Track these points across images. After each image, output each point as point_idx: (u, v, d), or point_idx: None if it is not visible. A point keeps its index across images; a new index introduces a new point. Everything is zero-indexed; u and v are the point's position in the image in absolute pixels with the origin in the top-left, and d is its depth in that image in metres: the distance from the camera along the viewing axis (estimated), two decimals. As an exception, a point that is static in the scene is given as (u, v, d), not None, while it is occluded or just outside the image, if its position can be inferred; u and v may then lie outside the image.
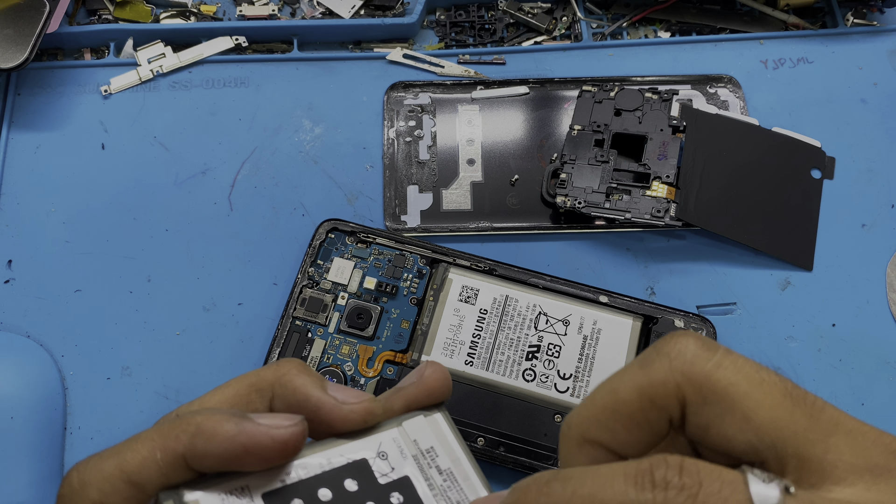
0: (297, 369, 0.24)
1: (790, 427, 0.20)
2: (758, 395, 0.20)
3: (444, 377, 0.25)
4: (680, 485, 0.19)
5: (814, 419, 0.20)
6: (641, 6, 0.50)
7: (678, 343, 0.21)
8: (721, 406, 0.21)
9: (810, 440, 0.20)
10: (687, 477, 0.19)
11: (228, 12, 0.49)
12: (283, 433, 0.21)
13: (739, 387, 0.21)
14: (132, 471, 0.21)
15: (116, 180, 0.43)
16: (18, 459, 0.36)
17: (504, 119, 0.45)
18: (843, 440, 0.20)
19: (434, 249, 0.40)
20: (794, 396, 0.21)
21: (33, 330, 0.40)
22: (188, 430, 0.21)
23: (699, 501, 0.19)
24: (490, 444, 0.36)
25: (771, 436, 0.20)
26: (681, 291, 0.41)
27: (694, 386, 0.21)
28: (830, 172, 0.45)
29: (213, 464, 0.21)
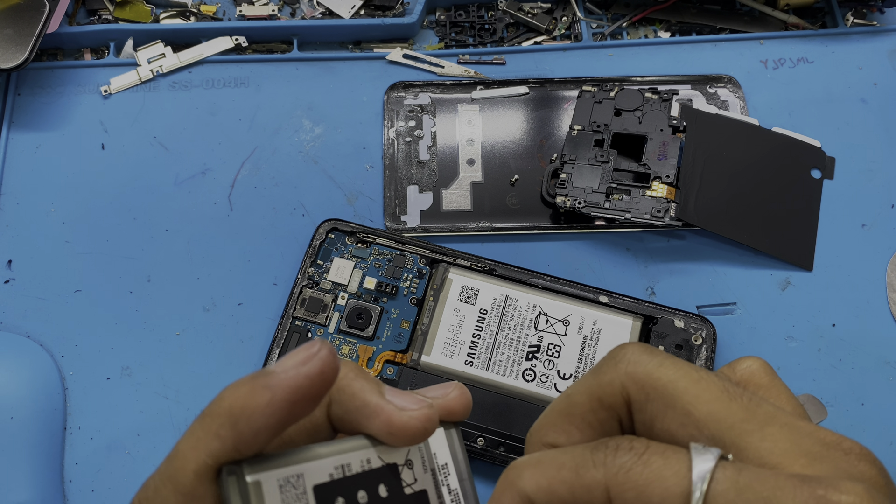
0: (353, 373, 0.24)
1: (727, 419, 0.22)
2: (696, 391, 0.22)
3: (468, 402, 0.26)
4: (629, 447, 0.21)
5: (750, 412, 0.22)
6: (641, 6, 0.50)
7: (624, 349, 0.23)
8: (663, 402, 0.22)
9: (747, 430, 0.21)
10: (637, 443, 0.21)
11: (228, 12, 0.49)
12: (314, 366, 0.21)
13: (679, 383, 0.22)
14: (190, 490, 0.21)
15: (116, 180, 0.43)
16: (18, 459, 0.36)
17: (504, 119, 0.45)
18: (778, 430, 0.21)
19: (434, 249, 0.40)
20: (730, 392, 0.22)
21: (33, 330, 0.40)
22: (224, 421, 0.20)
23: (643, 459, 0.21)
24: (490, 444, 0.36)
25: (710, 427, 0.22)
26: (681, 291, 0.41)
27: (637, 384, 0.23)
28: (830, 172, 0.45)
29: (270, 434, 0.21)
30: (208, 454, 0.20)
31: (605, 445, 0.22)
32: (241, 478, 0.20)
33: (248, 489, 0.20)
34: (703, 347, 0.38)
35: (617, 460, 0.21)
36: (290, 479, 0.21)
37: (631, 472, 0.21)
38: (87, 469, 0.37)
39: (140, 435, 0.37)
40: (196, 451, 0.21)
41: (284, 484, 0.21)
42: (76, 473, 0.37)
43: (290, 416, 0.21)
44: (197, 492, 0.21)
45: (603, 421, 0.24)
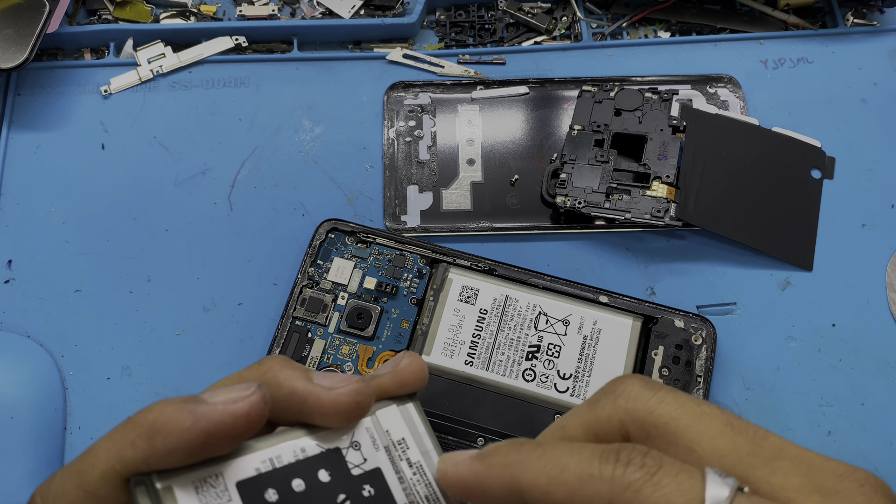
0: (279, 364, 0.23)
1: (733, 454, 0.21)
2: (699, 427, 0.21)
3: (420, 368, 0.25)
4: (641, 463, 0.20)
5: (756, 445, 0.21)
6: (641, 6, 0.50)
7: (623, 383, 0.22)
8: (664, 440, 0.21)
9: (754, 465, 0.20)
10: (650, 459, 0.20)
11: (228, 12, 0.49)
12: (242, 406, 0.21)
13: (681, 420, 0.21)
14: (94, 489, 0.20)
15: (116, 180, 0.43)
16: (18, 459, 0.36)
17: (504, 119, 0.45)
18: (788, 464, 0.21)
19: (434, 249, 0.40)
20: (734, 426, 0.21)
21: (33, 330, 0.40)
22: (142, 432, 0.20)
23: (654, 480, 0.20)
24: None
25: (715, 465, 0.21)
26: (681, 291, 0.41)
27: (637, 422, 0.22)
28: (830, 172, 0.45)
29: (181, 458, 0.20)
30: (119, 460, 0.20)
31: (616, 456, 0.20)
32: (150, 486, 0.20)
33: (158, 495, 0.20)
34: (703, 347, 0.38)
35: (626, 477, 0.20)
36: (208, 479, 0.21)
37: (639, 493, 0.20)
38: (87, 469, 0.37)
39: (140, 435, 0.37)
40: (108, 454, 0.20)
41: (201, 484, 0.20)
42: (76, 473, 0.37)
43: (206, 447, 0.20)
44: (101, 492, 0.20)
45: None
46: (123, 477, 0.20)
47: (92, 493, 0.20)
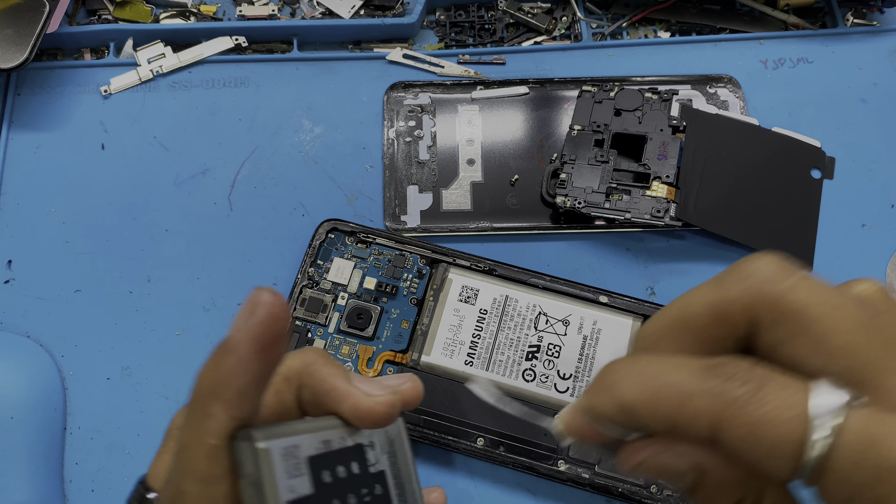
0: (322, 359, 0.24)
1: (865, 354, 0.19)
2: (833, 320, 0.20)
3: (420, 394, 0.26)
4: (745, 379, 0.19)
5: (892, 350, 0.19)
6: (641, 6, 0.50)
7: (755, 262, 0.21)
8: (793, 327, 0.20)
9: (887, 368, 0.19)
10: (756, 374, 0.19)
11: (228, 12, 0.49)
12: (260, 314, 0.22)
13: (814, 309, 0.20)
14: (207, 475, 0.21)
15: (116, 180, 0.43)
16: (18, 459, 0.36)
17: (504, 119, 0.45)
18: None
19: (434, 249, 0.40)
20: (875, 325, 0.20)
21: (33, 330, 0.40)
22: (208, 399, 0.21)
23: (759, 396, 0.19)
24: (490, 444, 0.36)
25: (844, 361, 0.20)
26: (681, 291, 0.41)
27: (766, 305, 0.21)
28: (830, 172, 0.45)
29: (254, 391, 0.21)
30: (210, 435, 0.20)
31: (722, 370, 0.20)
32: (252, 444, 0.21)
33: (258, 456, 0.21)
34: (703, 347, 0.38)
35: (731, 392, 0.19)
36: (290, 450, 0.22)
37: (743, 409, 0.19)
38: (87, 469, 0.37)
39: (140, 435, 0.37)
40: (199, 438, 0.21)
41: (285, 454, 0.21)
42: (76, 473, 0.37)
43: (264, 365, 0.21)
44: (214, 474, 0.21)
45: (719, 338, 0.21)
46: (225, 447, 0.21)
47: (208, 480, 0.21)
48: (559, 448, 0.36)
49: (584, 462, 0.36)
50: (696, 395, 0.20)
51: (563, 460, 0.36)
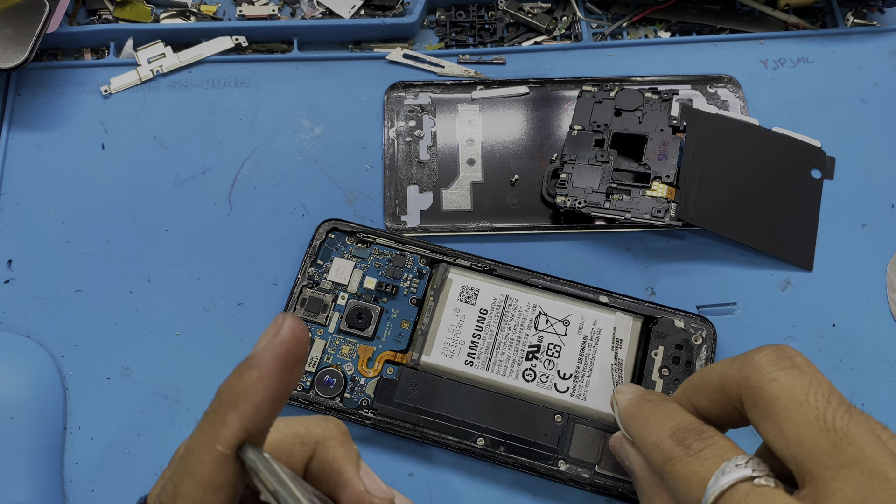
0: (341, 437, 0.26)
1: (811, 447, 0.24)
2: (793, 413, 0.24)
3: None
4: (688, 445, 0.26)
5: (836, 448, 0.23)
6: (641, 6, 0.50)
7: (760, 352, 0.27)
8: (764, 412, 0.25)
9: (824, 465, 0.23)
10: (697, 444, 0.26)
11: (228, 12, 0.49)
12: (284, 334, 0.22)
13: (781, 401, 0.25)
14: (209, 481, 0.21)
15: (116, 180, 0.43)
16: (18, 459, 0.36)
17: (504, 119, 0.45)
18: (856, 476, 0.23)
19: (434, 249, 0.40)
20: (825, 423, 0.24)
21: (33, 330, 0.40)
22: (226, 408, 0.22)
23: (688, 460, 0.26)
24: (490, 444, 0.36)
25: (793, 450, 0.24)
26: (681, 291, 0.41)
27: (748, 390, 0.26)
28: (830, 172, 0.45)
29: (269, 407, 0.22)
30: (221, 442, 0.21)
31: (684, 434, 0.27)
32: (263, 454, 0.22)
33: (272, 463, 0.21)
34: (703, 347, 0.38)
35: (672, 450, 0.26)
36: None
37: (674, 469, 0.26)
38: (87, 469, 0.37)
39: (140, 435, 0.37)
40: (209, 444, 0.21)
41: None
42: (76, 473, 0.37)
43: (283, 385, 0.22)
44: (216, 482, 0.21)
45: (723, 403, 0.28)
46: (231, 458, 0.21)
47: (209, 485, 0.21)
48: (559, 448, 0.36)
49: (584, 462, 0.36)
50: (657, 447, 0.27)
51: (563, 460, 0.36)
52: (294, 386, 0.23)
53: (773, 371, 0.26)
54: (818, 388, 0.25)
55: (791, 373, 0.25)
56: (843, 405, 0.24)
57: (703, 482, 0.25)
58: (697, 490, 0.25)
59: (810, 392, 0.25)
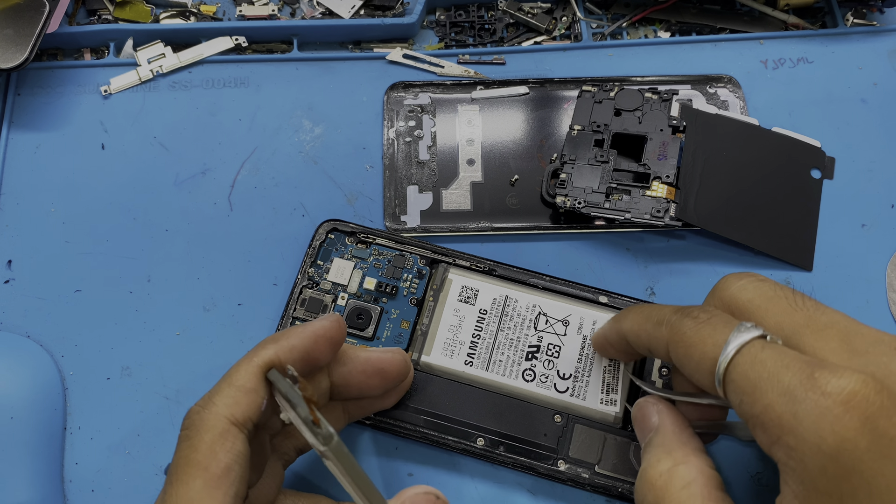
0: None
1: (790, 326, 0.27)
2: (767, 306, 0.28)
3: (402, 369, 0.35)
4: (696, 314, 0.28)
5: (811, 319, 0.27)
6: (641, 6, 0.50)
7: (722, 280, 0.30)
8: (743, 317, 0.28)
9: (805, 333, 0.27)
10: (704, 314, 0.28)
11: (228, 12, 0.49)
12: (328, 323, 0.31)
13: (754, 301, 0.28)
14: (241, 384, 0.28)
15: (116, 180, 0.43)
16: (18, 459, 0.36)
17: (504, 119, 0.45)
18: (834, 333, 0.26)
19: (434, 249, 0.40)
20: (796, 304, 0.28)
21: (33, 330, 0.40)
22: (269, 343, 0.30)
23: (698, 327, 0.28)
24: (490, 444, 0.36)
25: (777, 335, 0.27)
26: (681, 291, 0.41)
27: (725, 305, 0.29)
28: (830, 172, 0.45)
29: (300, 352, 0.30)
30: (256, 359, 0.29)
31: (686, 311, 0.29)
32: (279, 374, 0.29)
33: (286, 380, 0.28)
34: (702, 347, 0.38)
35: (681, 324, 0.28)
36: None
37: (684, 335, 0.28)
38: (87, 469, 0.37)
39: (140, 435, 0.37)
40: (246, 360, 0.29)
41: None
42: (76, 473, 0.37)
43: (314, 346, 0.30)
44: (247, 385, 0.28)
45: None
46: (261, 371, 0.29)
47: (242, 388, 0.28)
48: (559, 448, 0.36)
49: (584, 462, 0.36)
50: (662, 324, 0.29)
51: (563, 460, 0.36)
52: (320, 360, 0.30)
53: (739, 282, 0.29)
54: (779, 285, 0.29)
55: (752, 279, 0.29)
56: (802, 293, 0.29)
57: (717, 343, 0.26)
58: (713, 350, 0.27)
59: (776, 288, 0.29)
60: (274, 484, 0.31)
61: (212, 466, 0.26)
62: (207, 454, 0.27)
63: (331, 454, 0.27)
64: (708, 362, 0.27)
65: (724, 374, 0.26)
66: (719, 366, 0.26)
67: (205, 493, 0.26)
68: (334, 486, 0.36)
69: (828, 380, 0.24)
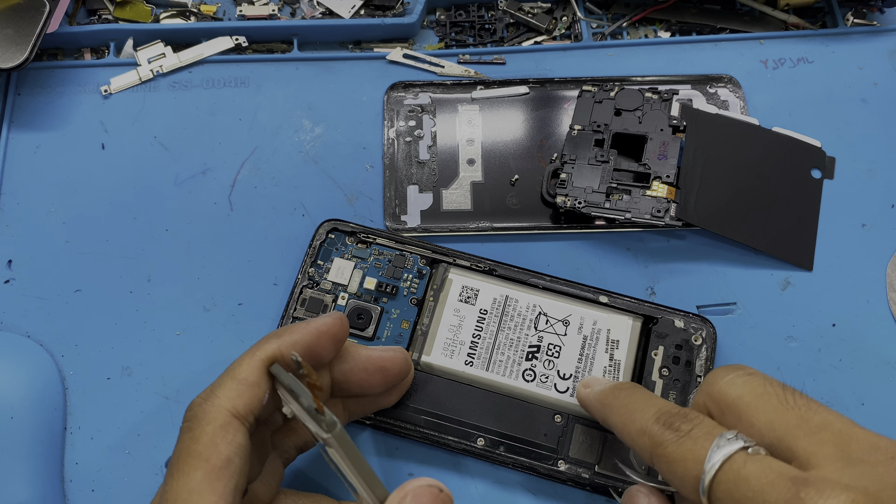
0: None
1: (782, 426, 0.26)
2: (757, 404, 0.27)
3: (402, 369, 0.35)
4: (677, 428, 0.27)
5: (804, 420, 0.26)
6: (641, 6, 0.50)
7: (711, 373, 0.29)
8: (733, 415, 0.27)
9: (798, 435, 0.25)
10: (686, 425, 0.27)
11: (228, 12, 0.49)
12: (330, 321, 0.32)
13: (744, 399, 0.27)
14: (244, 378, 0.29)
15: (116, 180, 0.43)
16: (18, 459, 0.36)
17: (504, 119, 0.45)
18: (828, 436, 0.25)
19: (434, 249, 0.40)
20: (788, 403, 0.26)
21: (33, 330, 0.40)
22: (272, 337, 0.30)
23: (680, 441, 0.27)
24: (490, 444, 0.36)
25: (768, 435, 0.26)
26: (681, 291, 0.41)
27: (713, 402, 0.28)
28: (830, 172, 0.45)
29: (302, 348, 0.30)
30: (259, 353, 0.29)
31: (671, 419, 0.28)
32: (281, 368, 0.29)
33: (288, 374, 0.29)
34: (703, 347, 0.38)
35: (662, 438, 0.27)
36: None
37: (666, 450, 0.27)
38: (87, 469, 0.37)
39: (140, 435, 0.37)
40: (249, 354, 0.29)
41: None
42: (76, 473, 0.37)
43: (316, 342, 0.30)
44: (249, 379, 0.29)
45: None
46: (264, 365, 0.29)
47: (244, 381, 0.28)
48: (559, 448, 0.36)
49: (584, 462, 0.36)
50: (644, 433, 0.28)
51: (563, 460, 0.36)
52: (322, 357, 0.31)
53: (727, 376, 0.28)
54: (770, 380, 0.28)
55: (741, 374, 0.28)
56: (794, 389, 0.27)
57: (699, 459, 0.26)
58: (695, 467, 0.26)
59: (766, 384, 0.27)
60: (273, 481, 0.31)
61: (213, 458, 0.26)
62: (209, 446, 0.27)
63: (334, 441, 0.27)
64: (691, 480, 0.26)
65: (708, 490, 0.25)
66: (703, 484, 0.25)
67: (205, 484, 0.26)
68: (334, 485, 0.36)
69: (815, 501, 0.23)
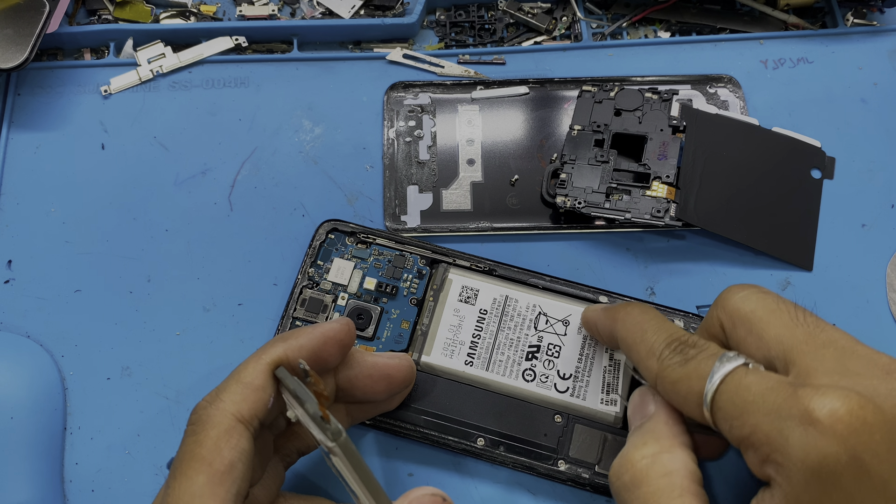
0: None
1: (789, 341, 0.27)
2: (769, 319, 0.28)
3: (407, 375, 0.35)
4: (683, 351, 0.29)
5: (811, 336, 0.27)
6: (641, 6, 0.50)
7: (728, 289, 0.30)
8: (744, 328, 0.29)
9: (803, 351, 0.27)
10: (692, 350, 0.29)
11: (228, 12, 0.49)
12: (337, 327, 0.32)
13: (756, 313, 0.29)
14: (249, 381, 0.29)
15: (116, 180, 0.43)
16: (18, 459, 0.36)
17: (504, 119, 0.45)
18: (831, 352, 0.26)
19: (434, 250, 0.40)
20: (797, 319, 0.28)
21: (33, 330, 0.40)
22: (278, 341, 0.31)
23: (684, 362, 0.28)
24: (490, 444, 0.36)
25: (775, 348, 0.27)
26: (681, 291, 0.41)
27: (726, 316, 0.30)
28: (830, 172, 0.45)
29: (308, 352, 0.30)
30: (265, 356, 0.29)
31: (678, 343, 0.29)
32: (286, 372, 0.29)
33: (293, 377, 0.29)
34: (703, 347, 0.38)
35: (669, 359, 0.29)
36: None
37: (671, 371, 0.29)
38: (87, 469, 0.37)
39: (140, 435, 0.37)
40: (255, 358, 0.30)
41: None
42: (76, 473, 0.37)
43: (322, 347, 0.30)
44: (255, 382, 0.29)
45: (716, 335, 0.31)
46: (270, 369, 0.29)
47: (250, 385, 0.29)
48: (559, 448, 0.36)
49: (584, 462, 0.36)
50: (652, 355, 0.30)
51: (563, 460, 0.36)
52: (328, 362, 0.31)
53: (742, 293, 0.29)
54: (783, 299, 0.29)
55: (756, 291, 0.29)
56: (805, 308, 0.29)
57: (702, 376, 0.27)
58: (698, 384, 0.27)
59: (779, 301, 0.29)
60: (275, 484, 0.31)
61: (216, 462, 0.27)
62: (212, 450, 0.27)
63: (339, 450, 0.27)
64: (694, 396, 0.28)
65: (711, 402, 0.27)
66: (706, 395, 0.27)
67: (207, 488, 0.26)
68: (334, 488, 0.36)
69: (811, 397, 0.24)
